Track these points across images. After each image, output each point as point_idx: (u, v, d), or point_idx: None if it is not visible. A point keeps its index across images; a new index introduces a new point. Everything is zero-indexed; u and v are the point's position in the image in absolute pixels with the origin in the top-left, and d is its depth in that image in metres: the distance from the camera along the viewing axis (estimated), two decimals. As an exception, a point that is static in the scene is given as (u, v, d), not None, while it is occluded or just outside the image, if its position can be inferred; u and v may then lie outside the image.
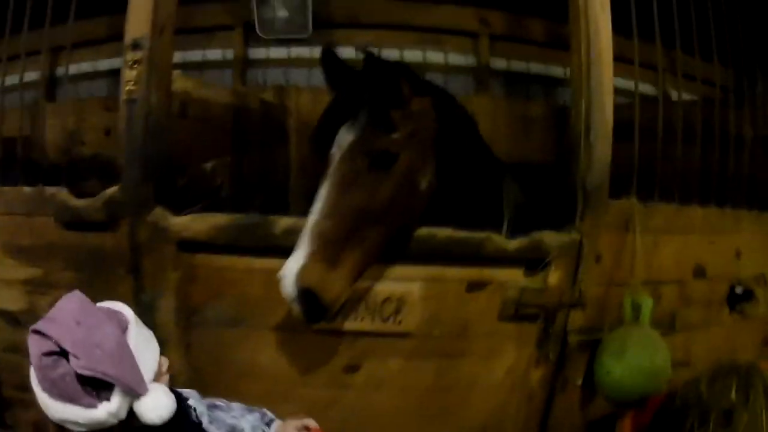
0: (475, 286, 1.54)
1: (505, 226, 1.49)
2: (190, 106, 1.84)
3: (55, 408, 0.94)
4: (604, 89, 1.55)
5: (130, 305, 1.06)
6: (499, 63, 2.65)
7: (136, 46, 1.31)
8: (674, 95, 2.01)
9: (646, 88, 2.08)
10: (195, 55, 3.12)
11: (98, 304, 1.02)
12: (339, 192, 1.30)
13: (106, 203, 1.33)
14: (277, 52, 2.68)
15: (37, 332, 0.94)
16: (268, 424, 1.23)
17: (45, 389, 0.94)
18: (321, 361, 1.48)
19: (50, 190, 1.40)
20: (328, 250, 1.26)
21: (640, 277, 1.62)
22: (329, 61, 1.52)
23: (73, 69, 2.86)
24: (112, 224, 1.34)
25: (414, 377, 1.58)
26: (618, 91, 1.61)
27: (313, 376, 1.49)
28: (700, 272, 1.81)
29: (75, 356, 0.91)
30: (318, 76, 1.71)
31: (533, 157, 2.42)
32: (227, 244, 1.38)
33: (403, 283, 1.48)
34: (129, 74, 1.31)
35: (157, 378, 1.02)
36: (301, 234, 1.27)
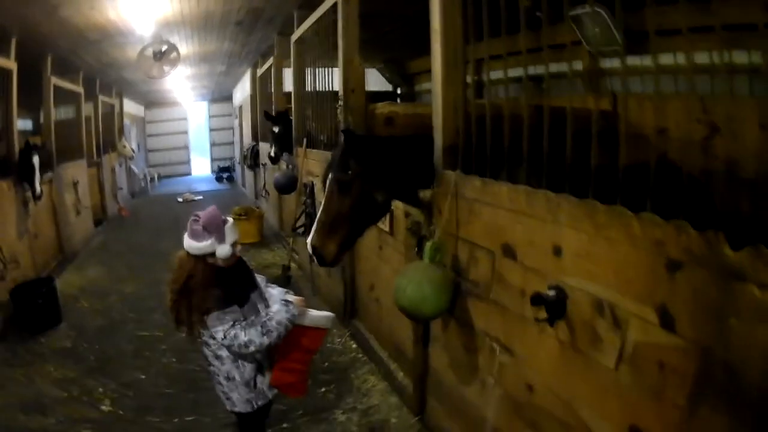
0: (407, 215, 2.80)
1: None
2: (396, 119, 3.61)
3: (189, 243, 2.19)
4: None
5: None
6: None
7: (339, 98, 3.56)
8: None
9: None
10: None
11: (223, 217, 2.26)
12: (329, 202, 2.44)
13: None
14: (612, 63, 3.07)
15: (195, 215, 2.22)
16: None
17: (188, 235, 2.20)
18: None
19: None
20: (323, 230, 2.40)
21: (463, 234, 2.25)
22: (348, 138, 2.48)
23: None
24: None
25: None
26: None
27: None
28: (509, 251, 2.01)
29: (202, 223, 2.17)
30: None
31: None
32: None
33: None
34: (339, 112, 3.58)
35: (231, 246, 2.22)
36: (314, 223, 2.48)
